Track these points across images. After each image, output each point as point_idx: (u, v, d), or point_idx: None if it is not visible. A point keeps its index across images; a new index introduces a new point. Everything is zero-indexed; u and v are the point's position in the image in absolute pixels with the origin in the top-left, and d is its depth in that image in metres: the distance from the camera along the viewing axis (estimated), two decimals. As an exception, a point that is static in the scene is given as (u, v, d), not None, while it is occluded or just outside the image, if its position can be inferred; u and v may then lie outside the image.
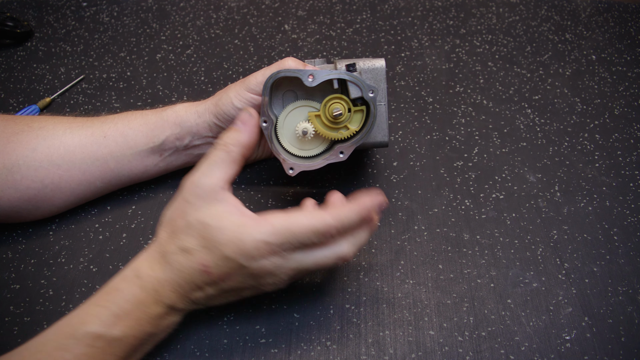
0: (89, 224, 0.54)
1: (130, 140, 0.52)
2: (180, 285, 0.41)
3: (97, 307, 0.40)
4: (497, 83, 0.71)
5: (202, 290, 0.42)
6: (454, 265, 0.51)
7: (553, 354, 0.44)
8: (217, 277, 0.41)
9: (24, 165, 0.50)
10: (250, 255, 0.40)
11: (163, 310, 0.41)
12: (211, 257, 0.41)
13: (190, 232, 0.42)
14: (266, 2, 0.87)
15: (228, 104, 0.51)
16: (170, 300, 0.42)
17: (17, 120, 0.52)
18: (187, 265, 0.41)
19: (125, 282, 0.41)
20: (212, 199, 0.42)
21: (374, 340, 0.46)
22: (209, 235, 0.41)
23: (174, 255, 0.42)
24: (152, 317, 0.41)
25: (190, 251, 0.41)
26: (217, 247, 0.40)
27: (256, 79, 0.50)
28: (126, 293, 0.40)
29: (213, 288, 0.42)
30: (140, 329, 0.40)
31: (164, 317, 0.42)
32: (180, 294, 0.42)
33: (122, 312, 0.40)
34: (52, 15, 0.85)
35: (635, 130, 0.64)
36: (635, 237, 0.53)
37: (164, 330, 0.43)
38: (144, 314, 0.40)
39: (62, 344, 0.38)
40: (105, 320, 0.39)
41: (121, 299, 0.40)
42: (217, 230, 0.41)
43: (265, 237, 0.40)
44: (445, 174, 0.59)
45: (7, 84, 0.72)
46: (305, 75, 0.48)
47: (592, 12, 0.84)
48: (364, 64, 0.51)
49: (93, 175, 0.52)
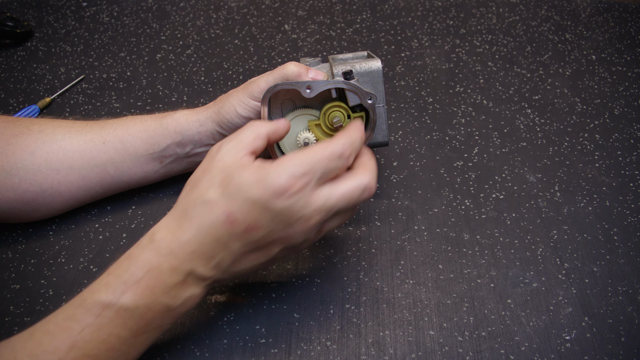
0: (89, 224, 0.55)
1: (129, 147, 0.52)
2: (202, 243, 0.38)
3: (108, 275, 0.38)
4: (497, 83, 0.71)
5: (226, 247, 0.38)
6: (454, 265, 0.51)
7: (553, 354, 0.44)
8: (244, 226, 0.38)
9: (23, 168, 0.50)
10: (276, 193, 0.37)
11: (180, 277, 0.38)
12: (235, 204, 0.37)
13: (211, 182, 0.39)
14: (266, 2, 0.87)
15: (231, 112, 0.51)
16: (189, 264, 0.38)
17: (16, 122, 0.52)
18: (209, 217, 0.38)
19: (139, 248, 0.39)
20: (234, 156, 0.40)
21: (374, 340, 0.46)
22: (232, 181, 0.38)
23: (194, 209, 0.38)
24: (168, 286, 0.38)
25: (212, 202, 0.38)
26: (241, 191, 0.37)
27: (259, 86, 0.50)
28: (139, 259, 0.38)
29: (239, 242, 0.38)
30: (154, 299, 0.37)
31: (181, 287, 0.38)
32: (201, 255, 0.38)
33: (132, 279, 0.37)
34: (52, 15, 0.85)
35: (635, 130, 0.64)
36: (635, 237, 0.53)
37: (183, 303, 0.39)
38: (157, 281, 0.37)
39: (70, 314, 0.37)
40: (115, 288, 0.37)
41: (133, 265, 0.37)
42: (239, 175, 0.38)
43: (289, 170, 0.38)
44: (445, 174, 0.59)
45: (7, 84, 0.72)
46: (303, 87, 0.48)
47: (592, 12, 0.84)
48: (361, 67, 0.50)
49: (92, 181, 0.52)
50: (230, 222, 0.38)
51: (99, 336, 0.36)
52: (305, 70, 0.50)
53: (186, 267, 0.38)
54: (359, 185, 0.40)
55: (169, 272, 0.37)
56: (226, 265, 0.39)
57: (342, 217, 0.43)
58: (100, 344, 0.37)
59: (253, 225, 0.38)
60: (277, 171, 0.38)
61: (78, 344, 0.36)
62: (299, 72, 0.49)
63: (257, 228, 0.38)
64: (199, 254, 0.38)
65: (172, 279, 0.38)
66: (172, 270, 0.38)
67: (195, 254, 0.38)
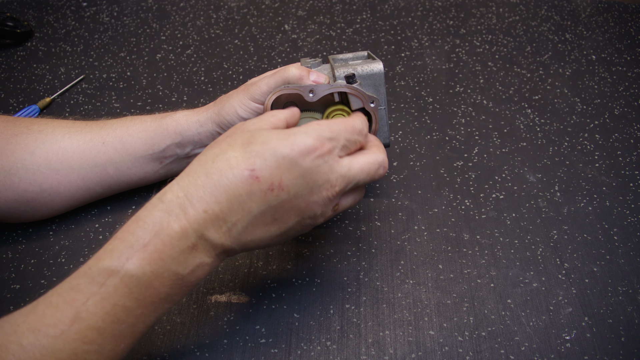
0: (89, 224, 0.55)
1: (129, 147, 0.52)
2: (217, 202, 0.35)
3: (114, 240, 0.35)
4: (497, 83, 0.71)
5: (244, 208, 0.35)
6: (454, 265, 0.51)
7: (553, 354, 0.44)
8: (267, 184, 0.35)
9: (22, 168, 0.50)
10: (304, 151, 0.36)
11: (190, 241, 0.35)
12: (261, 159, 0.35)
13: (233, 142, 0.36)
14: (266, 2, 0.87)
15: (232, 113, 0.51)
16: (201, 226, 0.35)
17: (16, 122, 0.52)
18: (229, 172, 0.35)
19: (147, 209, 0.36)
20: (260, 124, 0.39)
21: (374, 340, 0.46)
22: (257, 139, 0.36)
23: (213, 163, 0.35)
24: (177, 250, 0.35)
25: (234, 159, 0.35)
26: (267, 147, 0.35)
27: (260, 89, 0.50)
28: (147, 221, 0.35)
29: (259, 203, 0.35)
30: (162, 265, 0.34)
31: (191, 252, 0.35)
32: (215, 216, 0.35)
33: (139, 243, 0.34)
34: (52, 15, 0.85)
35: (635, 130, 0.64)
36: (635, 237, 0.53)
37: (192, 271, 0.36)
38: (166, 245, 0.34)
39: (74, 284, 0.34)
40: (120, 253, 0.34)
41: (140, 228, 0.35)
42: (266, 134, 0.36)
43: (317, 132, 0.37)
44: (445, 174, 0.59)
45: (7, 84, 0.72)
46: (306, 92, 0.48)
47: (592, 12, 0.84)
48: (362, 70, 0.50)
49: (92, 181, 0.52)
50: (252, 179, 0.35)
51: (103, 307, 0.34)
52: (306, 73, 0.50)
53: (197, 229, 0.35)
54: (376, 160, 0.42)
55: (178, 234, 0.35)
56: (238, 230, 0.36)
57: (357, 194, 0.43)
58: (105, 316, 0.34)
59: (277, 184, 0.36)
60: (306, 131, 0.37)
61: (82, 315, 0.33)
62: (300, 75, 0.49)
63: (280, 188, 0.36)
64: (213, 215, 0.35)
65: (182, 243, 0.35)
66: (182, 233, 0.35)
67: (208, 214, 0.35)
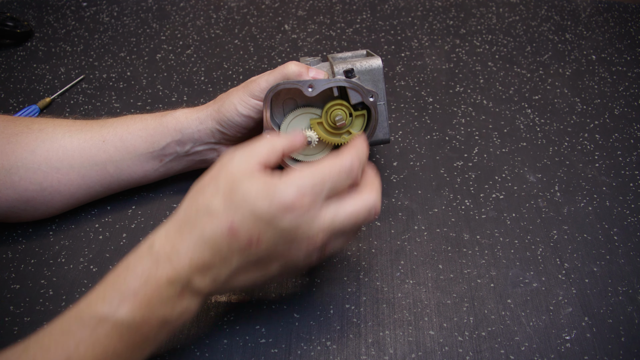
0: (89, 224, 0.54)
1: (129, 145, 0.52)
2: (201, 254, 0.37)
3: (106, 286, 0.36)
4: (497, 83, 0.71)
5: (225, 260, 0.37)
6: (454, 265, 0.51)
7: (553, 354, 0.44)
8: (245, 239, 0.36)
9: (23, 167, 0.50)
10: (283, 208, 0.36)
11: (177, 288, 0.37)
12: (239, 216, 0.36)
13: (216, 191, 0.37)
14: (266, 2, 0.87)
15: (232, 110, 0.51)
16: (187, 274, 0.36)
17: (16, 122, 0.52)
18: (210, 227, 0.36)
19: (136, 256, 0.37)
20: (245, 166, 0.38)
21: (374, 340, 0.46)
22: (238, 192, 0.37)
23: (196, 218, 0.37)
24: (164, 297, 0.36)
25: (215, 211, 0.37)
26: (246, 202, 0.36)
27: (259, 85, 0.50)
28: (137, 269, 0.36)
29: (239, 256, 0.37)
30: (151, 311, 0.36)
31: (178, 299, 0.37)
32: (199, 266, 0.37)
33: (130, 290, 0.36)
34: (52, 15, 0.85)
35: (635, 130, 0.64)
36: (635, 237, 0.53)
37: (179, 317, 0.38)
38: (155, 292, 0.36)
39: (66, 328, 0.35)
40: (111, 300, 0.35)
41: (130, 275, 0.36)
42: (246, 186, 0.37)
43: (298, 185, 0.37)
44: (445, 174, 0.59)
45: (7, 84, 0.72)
46: (305, 86, 0.48)
47: (592, 12, 0.84)
48: (361, 65, 0.50)
49: (92, 180, 0.52)
50: (232, 234, 0.36)
51: (94, 351, 0.35)
52: (306, 69, 0.50)
53: (184, 278, 0.37)
54: (365, 205, 0.40)
55: (166, 283, 0.36)
56: (223, 279, 0.38)
57: (346, 237, 0.41)
58: (95, 359, 0.35)
59: (255, 240, 0.37)
60: (285, 185, 0.37)
61: (72, 359, 0.34)
62: (299, 71, 0.49)
63: (258, 243, 0.37)
64: (197, 265, 0.37)
65: (169, 290, 0.36)
66: (170, 281, 0.36)
67: (193, 265, 0.37)
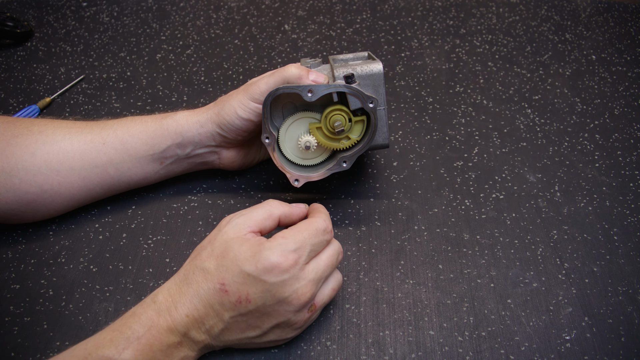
0: (89, 224, 0.54)
1: (129, 148, 0.52)
2: (196, 308, 0.40)
3: (112, 331, 0.40)
4: (497, 83, 0.71)
5: (218, 315, 0.40)
6: (454, 265, 0.51)
7: (553, 354, 0.44)
8: (235, 297, 0.40)
9: (23, 169, 0.50)
10: (267, 269, 0.40)
11: (176, 338, 0.40)
12: (230, 275, 0.40)
13: (212, 253, 0.42)
14: (266, 2, 0.87)
15: (232, 113, 0.51)
16: (184, 326, 0.40)
17: (17, 123, 0.52)
18: (204, 285, 0.40)
19: (142, 307, 0.41)
20: (239, 231, 0.42)
21: (374, 340, 0.46)
22: (229, 254, 0.41)
23: (193, 275, 0.41)
24: (165, 345, 0.40)
25: (209, 272, 0.41)
26: (235, 264, 0.40)
27: (259, 88, 0.50)
28: (142, 317, 0.40)
29: (230, 312, 0.40)
30: (152, 356, 0.39)
31: (177, 347, 0.40)
32: (195, 319, 0.40)
33: (134, 335, 0.39)
34: (52, 15, 0.85)
35: (635, 130, 0.64)
36: (635, 237, 0.53)
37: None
38: (156, 339, 0.39)
39: None
40: (117, 343, 0.38)
41: (135, 322, 0.40)
42: (237, 249, 0.41)
43: (281, 248, 0.40)
44: (445, 174, 0.59)
45: (7, 84, 0.72)
46: (304, 91, 0.48)
47: (592, 12, 0.84)
48: (362, 70, 0.50)
49: (92, 182, 0.52)
50: (223, 292, 0.40)
51: None
52: (306, 72, 0.49)
53: (181, 329, 0.40)
54: (335, 250, 0.44)
55: (166, 331, 0.40)
56: (216, 332, 0.41)
57: (332, 283, 0.45)
58: None
59: (244, 298, 0.40)
60: (270, 248, 0.40)
61: None
62: (299, 74, 0.49)
63: (247, 301, 0.40)
64: (193, 318, 0.40)
65: (169, 339, 0.40)
66: (170, 330, 0.40)
67: (189, 318, 0.40)
